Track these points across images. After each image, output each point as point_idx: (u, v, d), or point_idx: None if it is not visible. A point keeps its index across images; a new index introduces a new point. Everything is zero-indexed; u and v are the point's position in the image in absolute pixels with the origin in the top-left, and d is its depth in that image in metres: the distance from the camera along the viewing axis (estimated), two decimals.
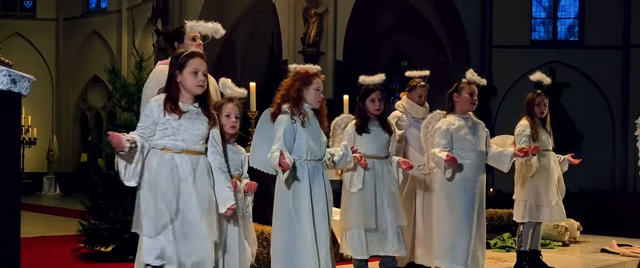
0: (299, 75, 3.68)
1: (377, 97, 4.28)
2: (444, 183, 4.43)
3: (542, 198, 4.98)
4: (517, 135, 5.02)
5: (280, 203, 3.60)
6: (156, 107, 3.14)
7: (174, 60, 3.21)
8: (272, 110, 3.68)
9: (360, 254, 4.19)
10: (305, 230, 3.52)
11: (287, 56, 13.66)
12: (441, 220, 4.44)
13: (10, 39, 19.28)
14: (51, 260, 5.72)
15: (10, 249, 2.80)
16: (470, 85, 4.51)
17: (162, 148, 3.11)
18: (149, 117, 3.14)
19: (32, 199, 14.34)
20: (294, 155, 3.55)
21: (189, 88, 3.17)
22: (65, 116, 20.64)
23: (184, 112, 3.15)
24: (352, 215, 4.19)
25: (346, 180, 4.21)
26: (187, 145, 3.13)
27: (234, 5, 16.80)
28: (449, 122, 4.45)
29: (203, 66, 3.19)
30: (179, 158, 3.11)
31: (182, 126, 3.12)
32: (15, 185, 2.86)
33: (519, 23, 17.16)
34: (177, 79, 3.17)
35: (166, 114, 3.12)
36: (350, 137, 4.25)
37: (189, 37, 3.95)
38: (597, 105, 16.85)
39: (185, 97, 3.19)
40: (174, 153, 3.11)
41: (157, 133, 3.13)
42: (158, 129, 3.13)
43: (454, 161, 4.25)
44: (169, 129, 3.11)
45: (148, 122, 3.13)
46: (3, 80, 2.72)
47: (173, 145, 3.11)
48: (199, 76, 3.16)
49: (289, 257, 3.55)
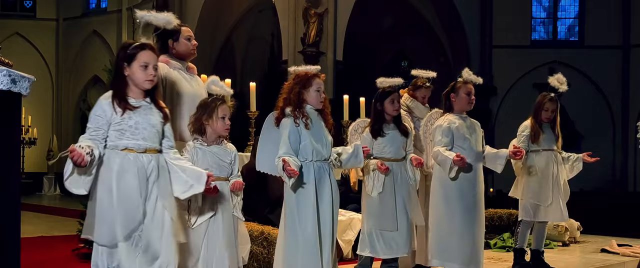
0: (299, 77, 3.67)
1: (396, 98, 4.32)
2: (442, 183, 4.42)
3: (537, 197, 5.00)
4: (518, 135, 5.07)
5: (287, 204, 3.62)
6: (107, 106, 2.92)
7: (123, 51, 2.99)
8: (276, 115, 3.68)
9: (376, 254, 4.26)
10: (308, 231, 3.53)
11: (287, 56, 13.66)
12: (440, 220, 4.42)
13: (10, 39, 19.26)
14: (51, 260, 5.72)
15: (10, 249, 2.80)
16: (467, 85, 4.50)
17: (123, 149, 2.91)
18: (101, 117, 2.91)
19: (32, 199, 14.33)
20: (300, 157, 3.56)
21: (138, 82, 2.96)
22: (65, 116, 20.63)
23: (136, 107, 2.95)
24: (371, 216, 4.25)
25: (368, 184, 4.26)
26: (148, 143, 2.95)
27: (234, 5, 16.81)
28: (449, 120, 4.44)
29: (153, 59, 2.99)
30: (144, 157, 2.93)
31: (140, 124, 2.93)
32: (15, 185, 2.86)
33: (519, 23, 17.17)
34: (124, 72, 2.96)
35: (117, 112, 2.91)
36: (367, 143, 4.25)
37: (184, 36, 3.91)
38: (597, 105, 16.85)
39: (134, 92, 2.98)
40: (138, 153, 2.92)
41: (112, 133, 2.91)
42: (113, 128, 2.91)
43: (464, 161, 4.25)
44: (127, 129, 2.91)
45: (100, 122, 2.90)
46: (3, 80, 2.72)
47: (136, 145, 2.92)
48: (149, 70, 2.96)
49: (291, 258, 3.56)
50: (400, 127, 4.36)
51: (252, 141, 6.61)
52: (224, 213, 3.41)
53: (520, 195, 5.10)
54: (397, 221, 4.23)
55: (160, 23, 3.39)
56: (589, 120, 16.53)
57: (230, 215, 3.45)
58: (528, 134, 4.99)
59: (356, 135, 4.48)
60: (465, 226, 4.35)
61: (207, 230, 3.37)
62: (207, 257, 3.36)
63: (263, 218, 5.04)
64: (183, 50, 3.90)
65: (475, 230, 4.39)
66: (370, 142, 4.27)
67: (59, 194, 17.99)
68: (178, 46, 3.88)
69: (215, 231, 3.38)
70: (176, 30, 3.82)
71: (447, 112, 4.54)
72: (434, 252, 4.45)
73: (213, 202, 3.38)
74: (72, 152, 2.73)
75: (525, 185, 5.04)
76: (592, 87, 16.93)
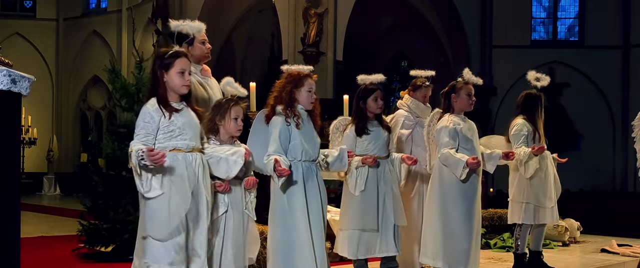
0: (291, 77, 3.67)
1: (379, 96, 4.28)
2: (442, 183, 4.40)
3: (541, 199, 4.94)
4: (514, 135, 4.93)
5: (276, 204, 3.62)
6: (155, 112, 3.13)
7: (159, 60, 3.20)
8: (266, 113, 3.68)
9: (355, 255, 4.20)
10: (300, 228, 3.53)
11: (287, 56, 13.65)
12: (440, 220, 4.40)
13: (10, 39, 19.26)
14: (51, 260, 5.72)
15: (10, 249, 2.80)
16: (468, 86, 4.48)
17: (172, 149, 3.12)
18: (150, 124, 3.12)
19: (32, 199, 14.33)
20: (289, 157, 3.57)
21: (176, 88, 3.18)
22: (65, 116, 20.63)
23: (179, 110, 3.17)
24: (351, 216, 4.19)
25: (350, 182, 4.21)
26: (194, 143, 3.18)
27: (234, 5, 16.80)
28: (454, 121, 4.40)
29: (188, 66, 3.22)
30: (190, 157, 3.15)
31: (185, 125, 3.15)
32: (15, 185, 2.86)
33: (519, 23, 17.15)
34: (163, 79, 3.17)
35: (166, 115, 3.12)
36: (350, 140, 4.22)
37: (198, 40, 3.95)
38: (597, 105, 16.83)
39: (173, 97, 3.20)
40: (186, 153, 3.14)
41: (160, 136, 3.12)
42: (161, 132, 3.12)
43: (479, 164, 4.25)
44: (176, 130, 3.13)
45: (150, 128, 3.11)
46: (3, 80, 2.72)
47: (184, 145, 3.14)
48: (186, 76, 3.19)
49: (286, 256, 3.56)
50: (383, 124, 4.33)
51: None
52: (234, 211, 3.43)
53: (518, 197, 5.00)
54: (378, 220, 4.17)
55: (194, 31, 3.61)
56: (589, 120, 16.51)
57: (240, 213, 3.46)
58: (526, 133, 4.92)
59: (338, 133, 4.41)
60: (464, 227, 4.32)
61: (219, 226, 3.39)
62: (221, 254, 3.38)
63: (262, 219, 5.03)
64: (198, 54, 3.97)
65: (473, 232, 4.36)
66: (353, 139, 4.23)
67: (59, 194, 17.99)
68: (193, 50, 3.94)
69: (228, 227, 3.41)
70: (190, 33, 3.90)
71: (446, 113, 4.52)
72: (436, 253, 4.39)
73: (225, 199, 3.41)
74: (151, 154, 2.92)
75: (526, 187, 4.94)
76: (592, 87, 16.91)
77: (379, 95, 4.28)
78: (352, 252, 4.19)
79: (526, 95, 5.04)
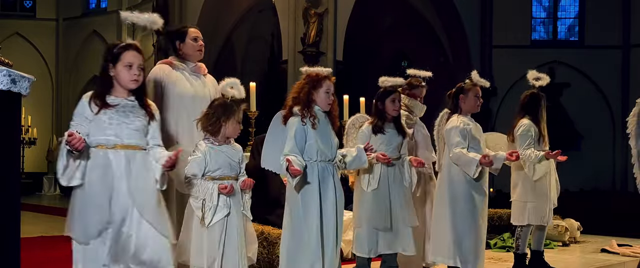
0: (309, 77, 3.70)
1: (397, 98, 4.34)
2: (451, 183, 4.44)
3: (546, 200, 4.95)
4: (521, 136, 4.92)
5: (290, 204, 3.63)
6: (86, 104, 3.01)
7: (108, 52, 3.07)
8: (284, 113, 3.69)
9: (367, 252, 4.24)
10: (311, 231, 3.54)
11: (287, 56, 13.64)
12: (447, 220, 4.43)
13: (10, 39, 19.25)
14: (51, 260, 5.72)
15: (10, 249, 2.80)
16: (476, 87, 4.54)
17: (96, 145, 2.97)
18: (81, 114, 3.00)
19: (32, 199, 14.32)
20: (305, 157, 3.58)
21: (123, 82, 3.04)
22: (65, 116, 20.60)
23: (113, 105, 3.00)
24: (364, 214, 4.24)
25: (363, 179, 4.25)
26: (120, 139, 2.99)
27: (234, 5, 16.79)
28: (464, 121, 4.46)
29: (138, 59, 3.06)
30: (112, 154, 2.97)
31: (114, 120, 2.98)
32: (15, 185, 2.86)
33: (519, 23, 17.15)
34: (109, 72, 3.04)
35: (93, 110, 2.98)
36: (365, 137, 4.27)
37: (190, 37, 3.97)
38: (597, 105, 16.84)
39: (119, 91, 3.06)
40: (107, 149, 2.97)
41: (91, 130, 2.99)
42: (91, 126, 2.98)
43: (491, 162, 4.29)
44: (100, 125, 2.98)
45: (79, 118, 3.00)
46: (3, 80, 2.72)
47: (105, 141, 2.97)
48: (134, 70, 3.03)
49: (293, 257, 3.57)
50: (399, 127, 4.37)
51: (252, 141, 6.62)
52: (236, 212, 3.43)
53: (521, 197, 4.99)
54: (390, 220, 4.22)
55: (145, 23, 3.41)
56: (589, 120, 16.52)
57: (241, 214, 3.47)
58: (532, 134, 4.91)
59: (353, 129, 4.48)
60: (474, 225, 4.36)
61: (223, 229, 3.38)
62: (223, 256, 3.38)
63: (262, 219, 5.04)
64: (189, 51, 3.99)
65: (480, 231, 4.41)
66: (368, 137, 4.27)
67: (59, 194, 17.97)
68: (184, 47, 3.96)
69: (231, 229, 3.40)
70: (183, 31, 3.90)
71: (454, 113, 4.55)
72: (441, 251, 4.45)
73: (227, 201, 3.40)
74: (71, 136, 2.80)
75: (532, 188, 4.94)
76: (592, 87, 16.92)
77: (397, 97, 4.33)
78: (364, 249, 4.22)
79: (530, 95, 5.04)
